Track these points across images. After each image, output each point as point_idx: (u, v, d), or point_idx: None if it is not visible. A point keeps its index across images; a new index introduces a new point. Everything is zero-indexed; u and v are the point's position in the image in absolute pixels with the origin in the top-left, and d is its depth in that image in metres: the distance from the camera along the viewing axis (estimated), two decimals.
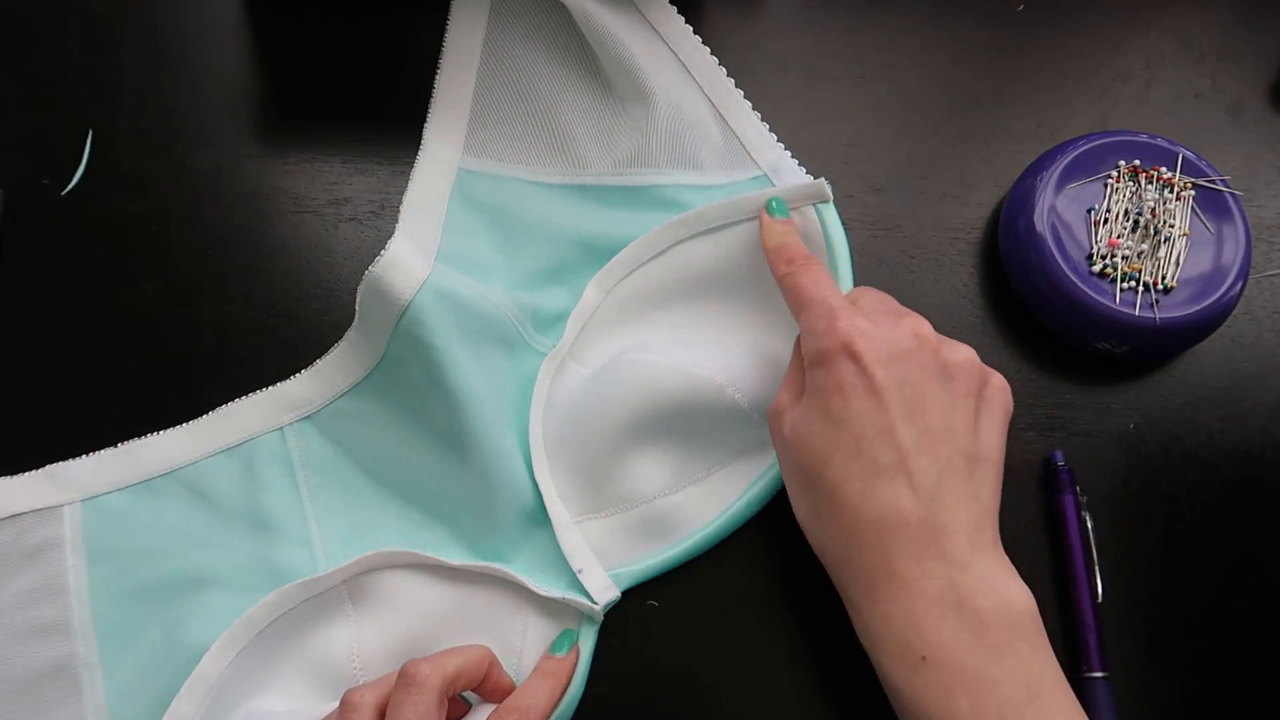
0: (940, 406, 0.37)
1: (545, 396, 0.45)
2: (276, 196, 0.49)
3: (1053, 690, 0.35)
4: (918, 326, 0.39)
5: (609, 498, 0.43)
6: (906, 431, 0.37)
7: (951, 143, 0.51)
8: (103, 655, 0.41)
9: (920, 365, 0.38)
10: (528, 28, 0.51)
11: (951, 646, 0.35)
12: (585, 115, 0.49)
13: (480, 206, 0.49)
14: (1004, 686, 0.34)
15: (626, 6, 0.50)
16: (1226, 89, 0.52)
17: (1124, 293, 0.45)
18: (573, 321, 0.46)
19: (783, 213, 0.44)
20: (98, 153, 0.50)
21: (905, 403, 0.37)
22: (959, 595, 0.35)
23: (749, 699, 0.42)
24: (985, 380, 0.39)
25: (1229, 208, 0.46)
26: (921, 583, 0.36)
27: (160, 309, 0.47)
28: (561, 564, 0.42)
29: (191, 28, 0.52)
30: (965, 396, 0.38)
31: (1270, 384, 0.47)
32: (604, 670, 0.42)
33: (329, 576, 0.41)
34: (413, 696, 0.36)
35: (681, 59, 0.50)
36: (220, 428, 0.45)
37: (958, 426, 0.37)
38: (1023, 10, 0.53)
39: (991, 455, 0.38)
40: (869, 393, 0.37)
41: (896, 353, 0.38)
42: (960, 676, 0.34)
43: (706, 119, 0.49)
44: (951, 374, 0.38)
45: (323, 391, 0.46)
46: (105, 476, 0.44)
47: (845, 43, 0.53)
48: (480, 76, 0.51)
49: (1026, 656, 0.35)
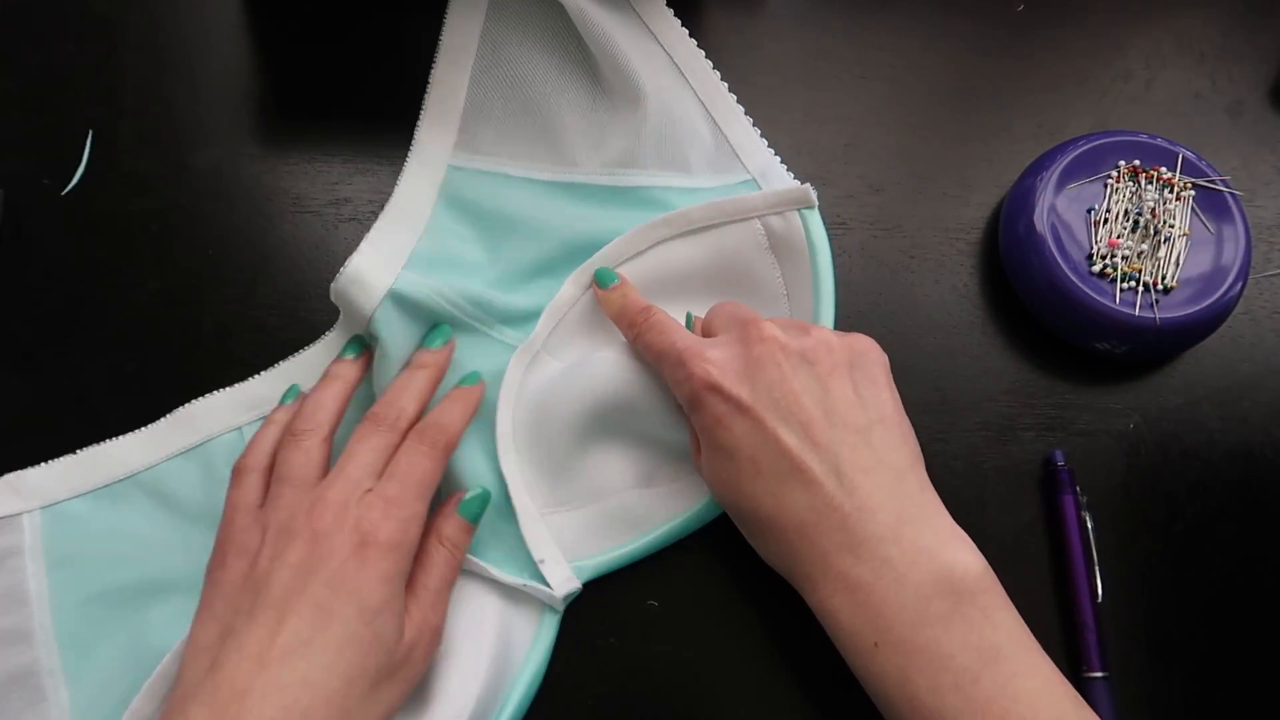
0: (813, 395, 0.38)
1: (516, 389, 0.45)
2: (276, 196, 0.49)
3: (1010, 652, 0.34)
4: (763, 330, 0.39)
5: (576, 491, 0.44)
6: (788, 434, 0.37)
7: (951, 143, 0.51)
8: (65, 663, 0.41)
9: (777, 365, 0.38)
10: (525, 26, 0.51)
11: (898, 627, 0.35)
12: (578, 114, 0.49)
13: (468, 203, 0.49)
14: (957, 657, 0.34)
15: (623, 7, 0.50)
16: (1226, 89, 0.52)
17: (1124, 293, 0.45)
18: (547, 315, 0.46)
19: (611, 279, 0.45)
20: (98, 153, 0.50)
21: (778, 407, 0.37)
22: (896, 573, 0.35)
23: (749, 699, 0.42)
24: (849, 347, 0.39)
25: (1229, 208, 0.46)
26: (856, 570, 0.36)
27: (160, 309, 0.47)
28: (525, 555, 0.43)
29: (191, 28, 0.52)
30: (832, 374, 0.38)
31: (1270, 384, 0.47)
32: (604, 670, 0.42)
33: None
34: (301, 443, 0.39)
35: (676, 61, 0.50)
36: (179, 430, 0.45)
37: (837, 406, 0.38)
38: (1023, 10, 0.53)
39: (886, 414, 0.38)
40: (742, 414, 0.38)
41: (750, 365, 0.38)
42: (912, 655, 0.34)
43: (698, 122, 0.49)
44: (811, 359, 0.38)
45: (283, 390, 0.45)
46: (66, 483, 0.44)
47: (845, 43, 0.53)
48: (475, 73, 0.51)
49: (977, 622, 0.35)
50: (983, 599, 0.35)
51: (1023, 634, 0.35)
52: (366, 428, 0.40)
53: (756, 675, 0.42)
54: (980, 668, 0.34)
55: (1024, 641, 0.35)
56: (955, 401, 0.46)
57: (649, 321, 0.42)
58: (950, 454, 0.46)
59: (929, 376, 0.47)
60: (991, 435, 0.46)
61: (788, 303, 0.46)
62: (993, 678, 0.34)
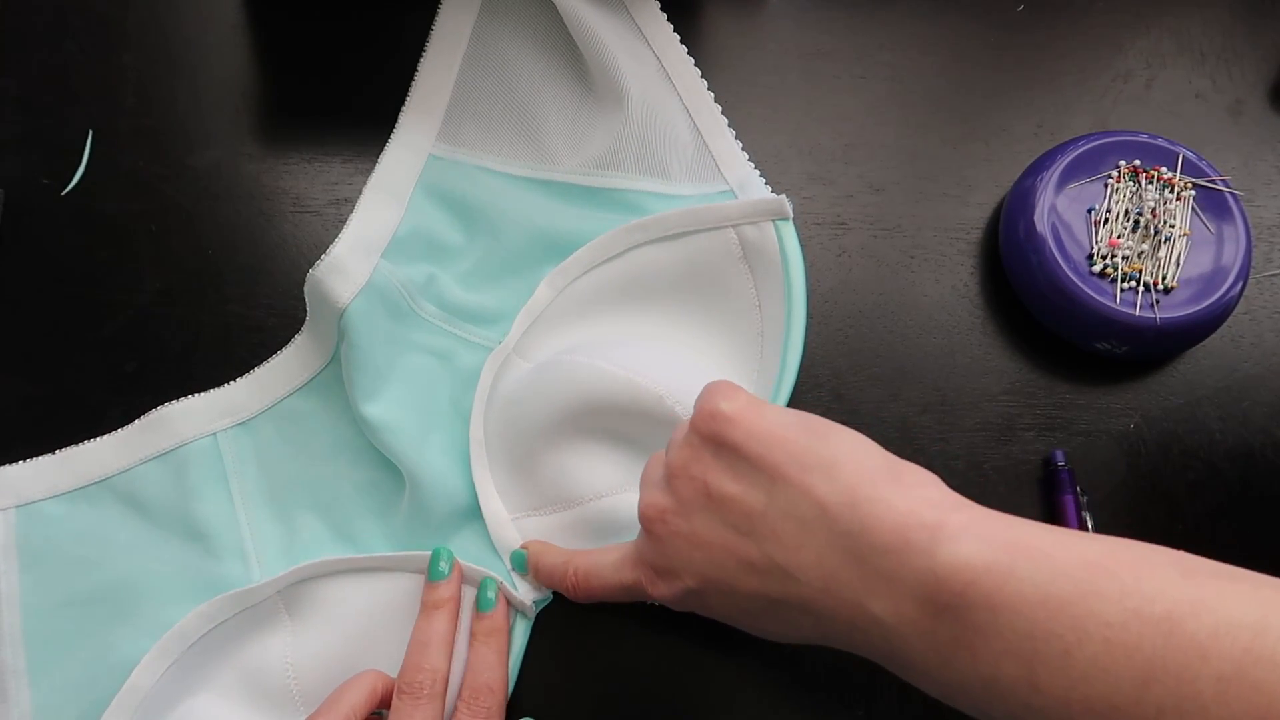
0: (717, 528, 0.35)
1: (488, 392, 0.45)
2: (276, 196, 0.49)
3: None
4: (647, 511, 0.37)
5: (548, 496, 0.44)
6: (743, 579, 0.35)
7: (951, 143, 0.51)
8: (30, 663, 0.41)
9: (676, 534, 0.36)
10: (516, 22, 0.51)
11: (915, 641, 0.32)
12: (562, 113, 0.49)
13: (445, 194, 0.49)
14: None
15: (618, 9, 0.50)
16: (1226, 89, 0.52)
17: (1124, 293, 0.45)
18: (521, 317, 0.46)
19: (520, 564, 0.43)
20: (98, 153, 0.50)
21: (713, 568, 0.35)
22: (924, 589, 0.31)
23: (749, 699, 0.42)
24: (704, 437, 0.36)
25: (1229, 208, 0.46)
26: (888, 581, 0.32)
27: (160, 309, 0.47)
28: (496, 561, 0.43)
29: (191, 28, 0.52)
30: (709, 485, 0.35)
31: (1270, 384, 0.47)
32: (604, 670, 0.42)
33: (262, 588, 0.41)
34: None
35: (665, 67, 0.50)
36: (153, 434, 0.44)
37: (733, 511, 0.35)
38: (1023, 10, 0.53)
39: (773, 465, 0.34)
40: (702, 595, 0.36)
41: (666, 555, 0.37)
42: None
43: (681, 129, 0.49)
44: (687, 496, 0.36)
45: (260, 398, 0.45)
46: (42, 483, 0.43)
47: (845, 43, 0.53)
48: (464, 66, 0.51)
49: (984, 631, 0.30)
50: (979, 600, 0.31)
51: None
52: (405, 706, 0.38)
53: (757, 675, 0.42)
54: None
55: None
56: (955, 401, 0.46)
57: (578, 576, 0.41)
58: (950, 454, 0.46)
59: (929, 376, 0.47)
60: (991, 435, 0.46)
61: (759, 312, 0.45)
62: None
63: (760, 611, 0.36)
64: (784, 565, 0.34)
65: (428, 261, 0.47)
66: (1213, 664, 0.27)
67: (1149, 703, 0.28)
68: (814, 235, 0.49)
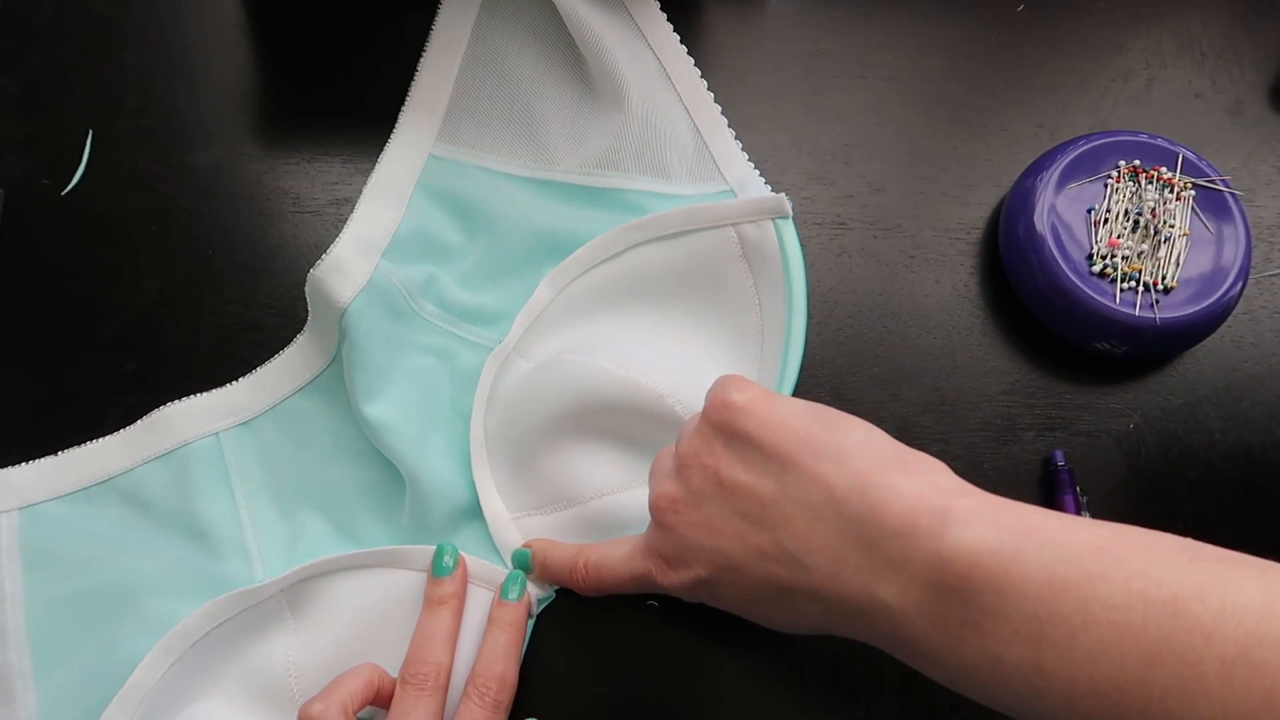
0: (727, 515, 0.36)
1: (488, 392, 0.45)
2: (276, 196, 0.49)
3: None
4: (657, 500, 0.38)
5: (548, 495, 0.44)
6: (753, 566, 0.35)
7: (951, 143, 0.51)
8: (36, 664, 0.41)
9: (687, 523, 0.37)
10: (517, 23, 0.51)
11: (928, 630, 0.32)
12: (562, 113, 0.49)
13: (445, 194, 0.49)
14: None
15: (617, 9, 0.50)
16: (1226, 89, 0.52)
17: (1124, 293, 0.45)
18: (522, 317, 0.46)
19: (525, 562, 0.43)
20: (98, 153, 0.50)
21: (720, 555, 0.36)
22: (931, 572, 0.31)
23: (749, 699, 0.42)
24: (714, 428, 0.36)
25: (1229, 208, 0.46)
26: (895, 571, 0.32)
27: (160, 309, 0.47)
28: (497, 560, 0.43)
29: (191, 28, 0.52)
30: (721, 473, 0.36)
31: (1270, 384, 0.47)
32: (604, 670, 0.42)
33: (266, 587, 0.41)
34: None
35: (665, 66, 0.50)
36: (155, 434, 0.44)
37: (743, 499, 0.35)
38: (1023, 10, 0.53)
39: (782, 453, 0.35)
40: (711, 584, 0.37)
41: (674, 543, 0.37)
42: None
43: (681, 129, 0.49)
44: (697, 484, 0.36)
45: (262, 398, 0.45)
46: (44, 484, 0.44)
47: (845, 43, 0.53)
48: (464, 66, 0.51)
49: (990, 612, 0.30)
50: (982, 584, 0.31)
51: None
52: (408, 697, 0.38)
53: (757, 675, 0.42)
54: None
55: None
56: (955, 401, 0.46)
57: (588, 568, 0.41)
58: (950, 454, 0.46)
59: (929, 376, 0.47)
60: (991, 435, 0.46)
61: (759, 311, 0.45)
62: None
63: (769, 600, 0.36)
64: (794, 552, 0.34)
65: (428, 261, 0.47)
66: (1217, 646, 0.27)
67: (1154, 684, 0.28)
68: (814, 235, 0.49)
